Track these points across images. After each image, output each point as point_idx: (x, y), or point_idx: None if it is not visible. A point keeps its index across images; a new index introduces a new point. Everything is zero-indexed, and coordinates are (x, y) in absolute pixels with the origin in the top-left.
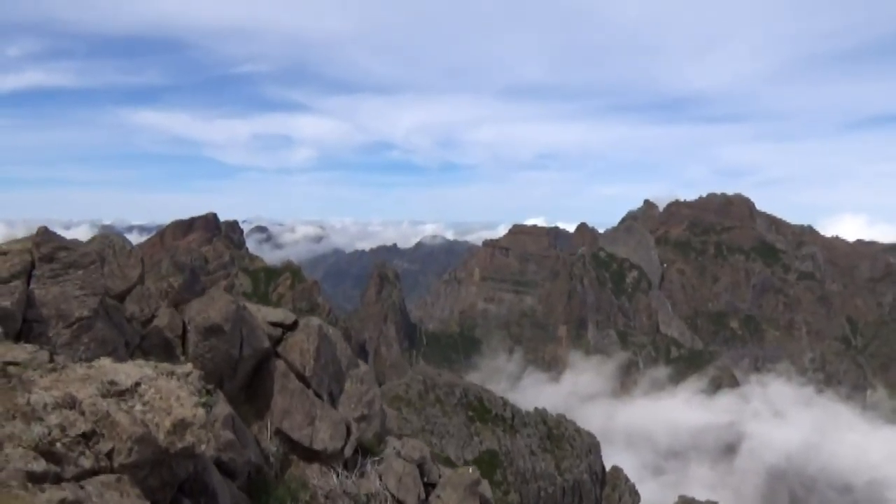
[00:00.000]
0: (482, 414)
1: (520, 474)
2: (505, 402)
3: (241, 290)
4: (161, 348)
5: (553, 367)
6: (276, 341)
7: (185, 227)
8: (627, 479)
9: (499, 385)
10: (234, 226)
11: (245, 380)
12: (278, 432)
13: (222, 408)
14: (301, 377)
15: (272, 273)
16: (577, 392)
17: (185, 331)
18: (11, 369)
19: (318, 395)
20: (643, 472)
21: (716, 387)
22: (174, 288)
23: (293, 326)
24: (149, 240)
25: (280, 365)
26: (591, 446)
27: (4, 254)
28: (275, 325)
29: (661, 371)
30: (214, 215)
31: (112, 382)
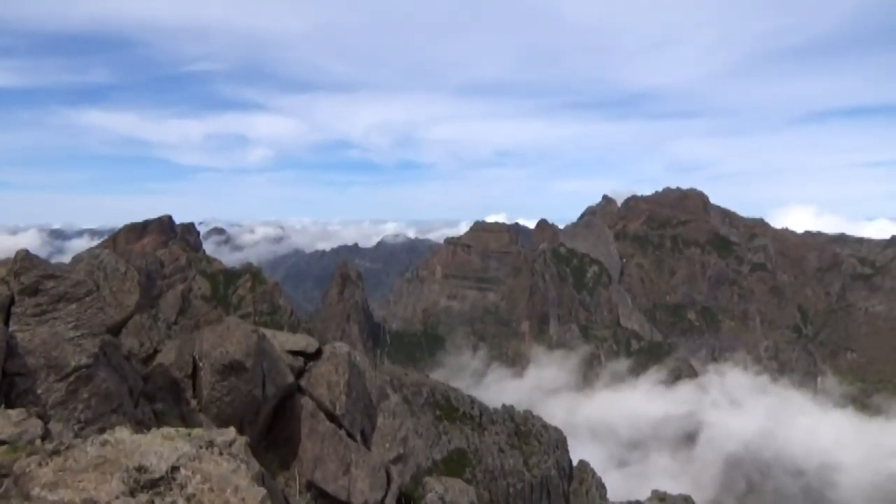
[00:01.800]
0: (450, 412)
1: (489, 472)
2: (472, 401)
3: (200, 294)
4: (167, 391)
5: (516, 362)
6: (299, 373)
7: (138, 230)
8: (594, 473)
9: (463, 382)
10: (190, 228)
11: (266, 422)
12: (310, 486)
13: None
14: (331, 416)
15: (231, 275)
16: (540, 386)
17: (195, 368)
18: None
19: (351, 436)
20: (607, 464)
21: (675, 378)
22: None
23: (317, 355)
24: (101, 244)
25: (307, 403)
26: (558, 441)
27: None
28: (295, 353)
29: (623, 363)
30: (169, 217)
31: (140, 469)
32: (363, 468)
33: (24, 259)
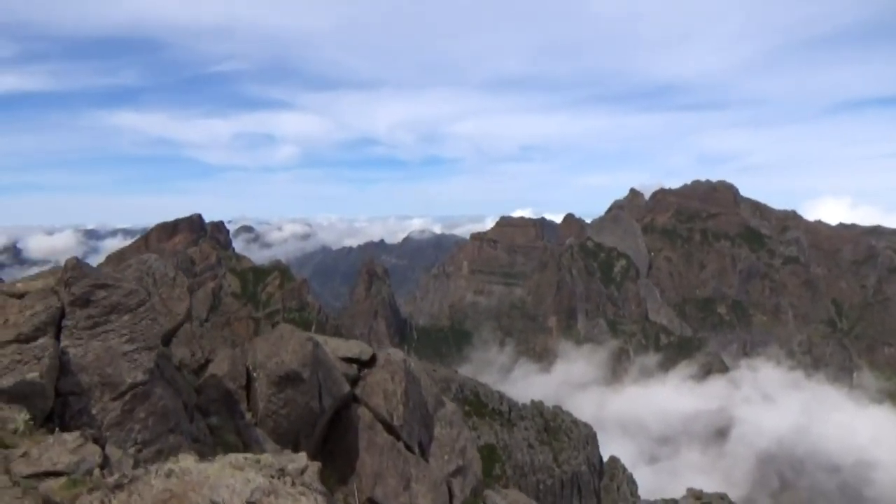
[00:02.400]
0: (479, 408)
1: (518, 468)
2: (501, 396)
3: (230, 291)
4: (222, 404)
5: (544, 357)
6: (353, 381)
7: (170, 228)
8: (625, 469)
9: (490, 377)
10: (219, 226)
11: (322, 435)
12: (370, 503)
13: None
14: (388, 427)
15: (260, 273)
16: (568, 381)
17: (249, 379)
18: (52, 487)
19: (409, 448)
20: (637, 460)
21: (705, 373)
22: None
23: (371, 362)
24: (133, 243)
25: (364, 413)
26: (588, 437)
27: (21, 296)
28: (349, 360)
29: (651, 358)
30: (199, 216)
31: None
32: (424, 483)
33: (75, 268)
